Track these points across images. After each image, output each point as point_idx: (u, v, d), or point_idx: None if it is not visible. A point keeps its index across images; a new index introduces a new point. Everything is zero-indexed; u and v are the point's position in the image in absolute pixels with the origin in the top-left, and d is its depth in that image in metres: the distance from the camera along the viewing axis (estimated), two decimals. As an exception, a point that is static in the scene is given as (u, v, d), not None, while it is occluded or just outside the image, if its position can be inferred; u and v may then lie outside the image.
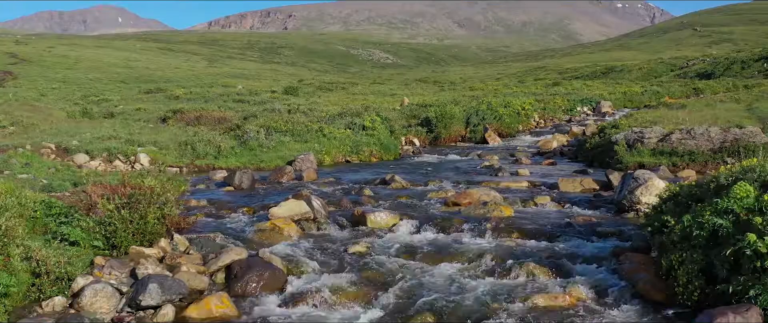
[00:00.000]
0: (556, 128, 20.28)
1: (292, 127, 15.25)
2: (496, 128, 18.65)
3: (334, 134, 15.15)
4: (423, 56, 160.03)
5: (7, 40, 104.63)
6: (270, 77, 74.48)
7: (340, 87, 43.10)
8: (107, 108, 25.22)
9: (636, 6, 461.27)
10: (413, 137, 18.23)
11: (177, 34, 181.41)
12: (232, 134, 14.92)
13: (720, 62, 51.42)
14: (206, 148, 13.35)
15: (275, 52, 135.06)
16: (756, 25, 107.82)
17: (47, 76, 61.75)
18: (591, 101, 26.18)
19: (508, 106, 20.26)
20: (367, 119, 16.44)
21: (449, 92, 35.75)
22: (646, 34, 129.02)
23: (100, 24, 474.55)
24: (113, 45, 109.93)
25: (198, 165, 12.98)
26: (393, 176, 10.40)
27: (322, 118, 17.17)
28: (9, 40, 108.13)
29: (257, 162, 13.23)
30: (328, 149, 14.21)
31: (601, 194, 8.99)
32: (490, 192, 8.65)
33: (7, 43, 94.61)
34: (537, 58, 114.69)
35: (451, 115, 17.85)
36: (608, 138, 13.15)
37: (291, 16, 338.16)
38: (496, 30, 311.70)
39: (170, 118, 18.12)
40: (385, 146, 15.39)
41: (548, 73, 70.21)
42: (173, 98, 28.98)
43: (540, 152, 15.27)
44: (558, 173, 11.46)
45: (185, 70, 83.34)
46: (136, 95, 35.50)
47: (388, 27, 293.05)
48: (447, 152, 15.96)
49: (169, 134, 15.00)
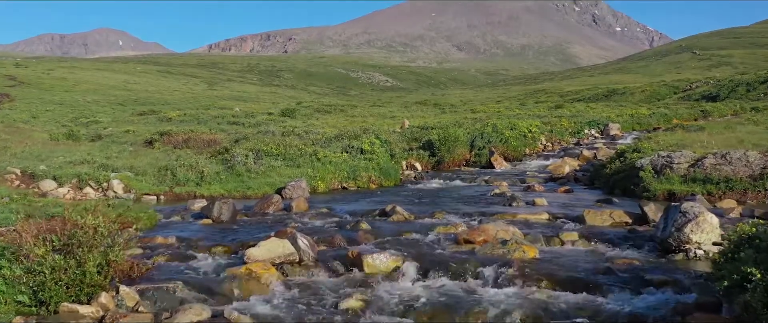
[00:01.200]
0: (564, 152, 19.07)
1: (284, 150, 14.03)
2: (502, 152, 17.47)
3: (329, 158, 13.93)
4: (423, 79, 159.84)
5: (7, 63, 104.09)
6: (269, 100, 73.64)
7: (338, 109, 42.04)
8: (95, 130, 24.10)
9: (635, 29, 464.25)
10: (415, 161, 17.06)
11: (177, 57, 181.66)
12: (220, 158, 13.72)
13: (724, 84, 50.63)
14: (187, 174, 12.10)
15: (275, 75, 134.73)
16: (755, 49, 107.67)
17: (44, 99, 60.89)
18: (598, 124, 25.06)
19: (514, 128, 19.07)
20: (366, 142, 15.27)
21: (450, 115, 34.63)
22: (646, 58, 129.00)
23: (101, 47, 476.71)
24: (113, 68, 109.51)
25: (177, 193, 11.70)
26: (394, 207, 9.13)
27: (318, 141, 15.99)
28: (9, 62, 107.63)
29: (244, 189, 11.97)
30: (322, 175, 12.99)
31: (637, 229, 7.72)
32: (508, 227, 7.39)
33: (6, 66, 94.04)
34: (536, 81, 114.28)
35: (454, 138, 16.65)
36: (631, 163, 11.94)
37: (291, 39, 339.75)
38: (495, 53, 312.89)
39: (157, 140, 16.91)
40: (385, 171, 14.19)
41: (549, 95, 69.46)
42: (166, 120, 27.84)
43: (552, 177, 14.08)
44: (579, 203, 10.21)
45: (184, 92, 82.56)
46: (128, 117, 34.41)
47: (388, 50, 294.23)
48: (451, 177, 14.75)
49: (149, 159, 13.78)
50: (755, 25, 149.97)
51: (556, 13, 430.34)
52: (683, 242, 6.45)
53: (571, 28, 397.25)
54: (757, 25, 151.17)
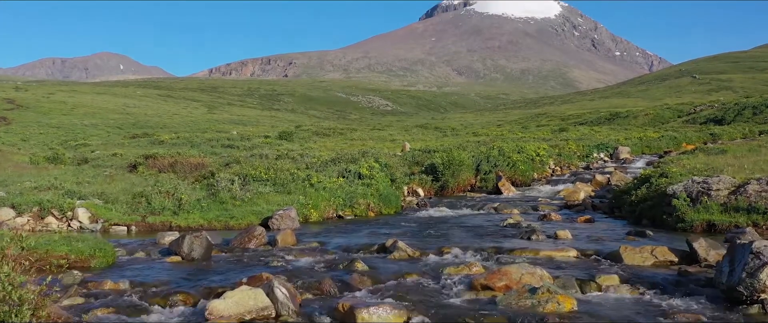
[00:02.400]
0: (575, 176, 17.85)
1: (274, 175, 12.69)
2: (510, 176, 16.24)
3: (323, 183, 12.65)
4: (422, 103, 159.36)
5: (7, 87, 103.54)
6: (269, 124, 72.70)
7: (337, 133, 40.92)
8: (82, 154, 22.94)
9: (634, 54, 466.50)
10: (417, 186, 15.81)
11: (178, 81, 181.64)
12: (204, 184, 12.45)
13: (730, 108, 49.80)
14: (164, 201, 10.82)
15: (275, 99, 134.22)
16: (755, 73, 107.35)
17: (41, 122, 59.85)
18: (607, 147, 23.90)
19: (522, 151, 17.83)
20: (364, 166, 14.03)
21: (452, 138, 33.49)
22: (646, 82, 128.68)
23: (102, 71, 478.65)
24: (112, 91, 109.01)
25: (150, 223, 10.39)
26: (395, 242, 7.82)
27: (313, 164, 14.73)
28: (9, 86, 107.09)
29: (226, 219, 10.67)
30: (315, 202, 11.70)
31: (688, 271, 6.41)
32: (534, 270, 6.08)
33: (6, 90, 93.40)
34: (536, 105, 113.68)
35: (459, 161, 15.40)
36: (661, 189, 10.65)
37: (291, 63, 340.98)
38: (494, 78, 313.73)
39: (141, 164, 15.66)
40: (385, 198, 12.93)
41: (550, 119, 68.54)
42: (158, 143, 26.68)
43: (567, 204, 12.80)
44: (607, 236, 8.91)
45: (183, 116, 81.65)
46: (120, 139, 33.31)
47: (388, 74, 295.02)
48: (457, 204, 13.48)
49: (125, 184, 12.50)
50: (754, 50, 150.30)
51: (556, 37, 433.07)
52: (758, 290, 5.15)
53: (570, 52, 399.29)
54: (756, 49, 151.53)
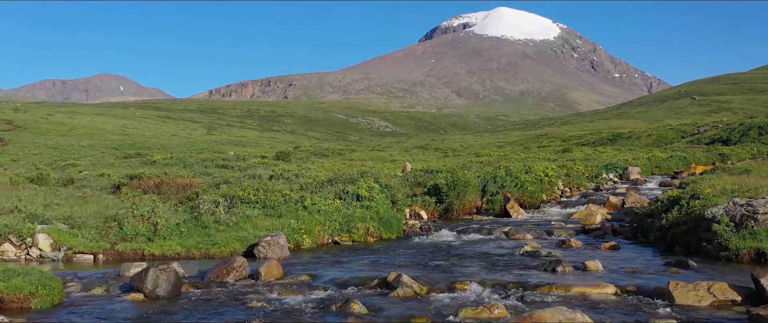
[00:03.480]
0: (585, 198, 16.71)
1: (264, 197, 11.53)
2: (518, 198, 15.08)
3: (318, 206, 11.46)
4: (422, 125, 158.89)
5: (6, 108, 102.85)
6: (268, 145, 71.78)
7: (337, 153, 39.84)
8: (69, 174, 21.81)
9: (633, 75, 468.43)
10: (420, 208, 14.62)
11: (177, 102, 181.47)
12: (188, 206, 11.30)
13: (735, 128, 49.09)
14: (137, 226, 9.64)
15: (275, 121, 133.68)
16: (754, 95, 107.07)
17: (38, 143, 58.87)
18: (616, 167, 22.82)
19: (530, 171, 16.68)
20: (363, 187, 12.85)
21: (453, 159, 32.42)
22: (645, 103, 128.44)
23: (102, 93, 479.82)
24: (112, 113, 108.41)
25: (120, 251, 9.18)
26: (399, 277, 6.61)
27: (308, 185, 13.56)
28: (8, 107, 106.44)
29: (207, 246, 9.47)
30: (309, 227, 10.51)
31: (759, 315, 5.23)
32: (573, 315, 4.88)
33: (6, 111, 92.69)
34: (536, 126, 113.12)
35: (465, 182, 14.21)
36: (695, 213, 9.48)
37: (291, 85, 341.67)
38: (494, 99, 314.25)
39: (125, 185, 14.47)
40: (386, 222, 11.76)
41: (551, 140, 67.69)
42: (150, 163, 25.57)
43: (584, 229, 11.55)
44: (643, 267, 7.72)
45: (182, 137, 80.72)
46: (112, 160, 32.21)
47: (388, 96, 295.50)
48: (463, 228, 12.30)
49: (98, 206, 11.32)
50: (753, 72, 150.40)
51: (555, 59, 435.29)
52: None
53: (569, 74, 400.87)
54: (755, 71, 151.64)
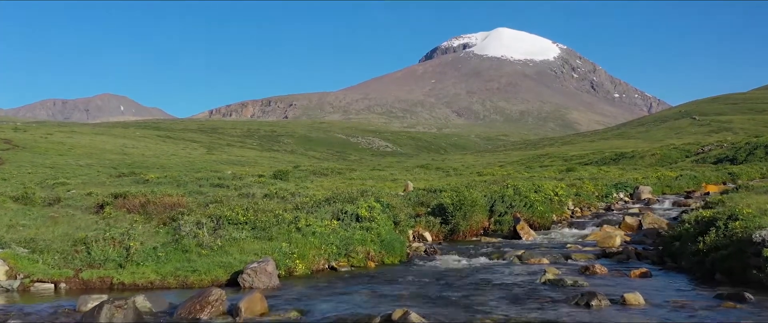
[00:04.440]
0: (598, 218, 16.39)
1: (254, 217, 10.93)
2: (527, 218, 14.83)
3: (313, 227, 10.81)
4: (422, 145, 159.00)
5: (6, 127, 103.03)
6: (268, 165, 71.66)
7: (336, 172, 39.72)
8: (56, 193, 21.65)
9: (633, 95, 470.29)
10: (423, 229, 14.30)
11: (178, 122, 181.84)
12: (171, 227, 10.95)
13: (741, 147, 49.11)
14: (107, 250, 8.98)
15: (275, 140, 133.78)
16: (754, 115, 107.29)
17: (36, 162, 58.87)
18: (626, 187, 22.62)
19: (539, 190, 16.51)
20: (364, 207, 12.35)
21: (456, 178, 32.23)
22: (645, 123, 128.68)
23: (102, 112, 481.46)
24: (111, 132, 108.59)
25: (85, 280, 8.39)
26: (406, 314, 6.10)
27: (304, 204, 13.09)
28: (8, 127, 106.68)
29: (186, 273, 8.72)
30: (302, 251, 9.88)
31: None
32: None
33: (6, 130, 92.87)
34: (536, 146, 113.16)
35: (472, 201, 13.97)
36: (739, 236, 8.87)
37: (292, 105, 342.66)
38: (494, 119, 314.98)
39: (109, 204, 14.20)
40: (388, 245, 11.18)
41: (553, 160, 67.61)
42: (143, 182, 25.43)
43: (605, 252, 10.93)
44: (689, 300, 7.30)
45: (181, 157, 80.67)
46: (104, 179, 32.08)
47: (388, 116, 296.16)
48: (472, 251, 11.85)
49: (68, 228, 10.69)
50: (753, 92, 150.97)
51: (555, 79, 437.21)
52: None
53: (569, 94, 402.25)
54: (755, 91, 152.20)
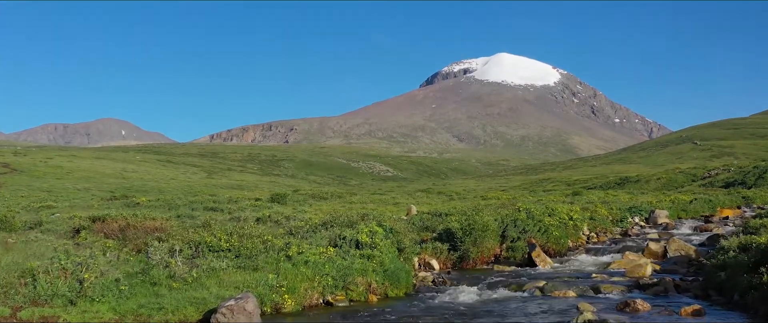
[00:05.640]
0: (616, 244, 15.25)
1: (239, 243, 9.69)
2: (542, 244, 13.76)
3: (306, 255, 9.53)
4: (423, 169, 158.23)
5: (6, 151, 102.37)
6: (268, 189, 70.73)
7: (336, 196, 38.70)
8: (39, 217, 20.68)
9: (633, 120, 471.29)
10: (430, 256, 13.10)
11: (178, 146, 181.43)
12: (144, 255, 9.77)
13: (749, 171, 48.27)
14: (56, 283, 7.73)
15: (275, 165, 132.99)
16: (755, 139, 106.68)
17: (32, 186, 57.96)
18: (641, 210, 21.57)
19: (553, 214, 15.44)
20: (364, 231, 11.17)
21: (460, 201, 31.15)
22: (647, 148, 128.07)
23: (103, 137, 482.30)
24: (111, 156, 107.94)
25: (24, 321, 7.10)
26: None
27: (298, 229, 11.88)
28: (8, 151, 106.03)
29: (150, 312, 7.50)
30: (292, 283, 8.64)
31: None
32: None
33: (5, 154, 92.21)
34: (537, 171, 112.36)
35: (483, 226, 12.87)
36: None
37: (293, 129, 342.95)
38: (495, 144, 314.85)
39: (86, 228, 13.00)
40: (392, 275, 9.97)
41: (555, 185, 66.65)
42: (133, 205, 24.47)
43: (638, 284, 9.70)
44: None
45: (181, 181, 79.72)
46: (96, 202, 31.11)
47: (389, 141, 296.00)
48: (485, 281, 10.69)
49: (19, 256, 9.42)
50: (754, 117, 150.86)
51: (556, 104, 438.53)
52: None
53: (570, 119, 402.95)
54: (756, 116, 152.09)
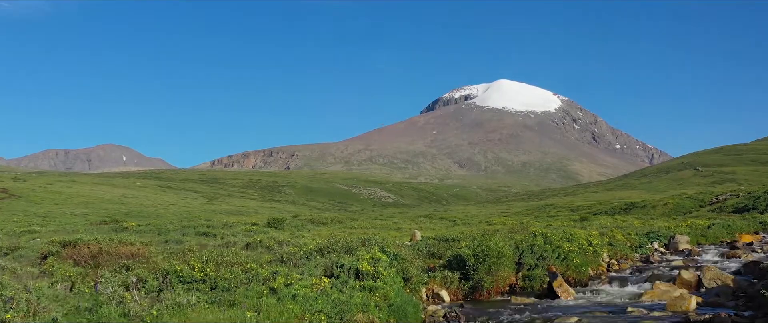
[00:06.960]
0: (639, 272, 14.06)
1: (215, 273, 8.35)
2: (562, 273, 12.65)
3: (295, 288, 8.01)
4: (424, 195, 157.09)
5: (6, 177, 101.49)
6: (268, 215, 69.64)
7: (336, 221, 37.59)
8: (18, 242, 19.71)
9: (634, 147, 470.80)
10: (439, 286, 11.75)
11: (179, 172, 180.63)
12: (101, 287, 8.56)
13: (759, 196, 47.32)
14: None
15: (276, 191, 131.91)
16: (757, 166, 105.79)
17: (29, 211, 56.99)
18: (660, 236, 20.49)
19: (572, 239, 14.31)
20: (365, 258, 9.89)
21: (464, 227, 30.02)
22: (648, 174, 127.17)
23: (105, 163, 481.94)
24: (112, 182, 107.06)
25: None
26: None
27: (291, 256, 10.61)
28: (8, 176, 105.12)
29: None
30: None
31: None
32: None
33: (5, 180, 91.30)
34: (539, 197, 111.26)
35: (498, 252, 11.73)
36: None
37: (294, 155, 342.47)
38: (496, 170, 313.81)
39: (55, 254, 11.83)
40: (398, 309, 8.59)
41: (558, 210, 65.60)
42: (121, 230, 23.47)
43: (689, 320, 8.61)
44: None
45: (180, 207, 78.62)
46: (83, 226, 30.16)
47: (390, 167, 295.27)
48: (505, 316, 9.51)
49: None
50: (755, 143, 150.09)
51: (556, 130, 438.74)
52: None
53: (571, 145, 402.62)
54: (758, 142, 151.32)
